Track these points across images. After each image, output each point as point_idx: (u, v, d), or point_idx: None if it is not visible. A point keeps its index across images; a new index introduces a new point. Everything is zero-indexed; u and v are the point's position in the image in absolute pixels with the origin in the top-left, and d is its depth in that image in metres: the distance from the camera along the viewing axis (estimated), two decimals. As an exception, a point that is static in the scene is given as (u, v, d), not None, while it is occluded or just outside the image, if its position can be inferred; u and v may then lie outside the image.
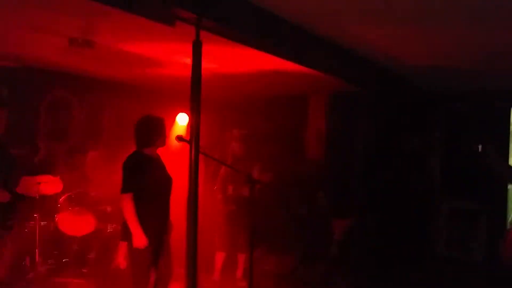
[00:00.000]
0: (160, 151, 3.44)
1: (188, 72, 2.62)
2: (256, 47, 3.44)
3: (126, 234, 3.23)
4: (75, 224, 4.38)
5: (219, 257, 4.71)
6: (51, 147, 4.83)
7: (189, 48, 2.62)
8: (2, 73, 4.46)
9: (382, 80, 4.88)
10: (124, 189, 3.17)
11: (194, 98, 2.42)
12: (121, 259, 4.40)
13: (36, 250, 4.17)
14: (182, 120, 5.63)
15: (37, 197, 4.19)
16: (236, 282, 4.66)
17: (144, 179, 3.17)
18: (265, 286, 4.52)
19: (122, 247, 3.38)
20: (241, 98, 6.29)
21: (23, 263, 4.22)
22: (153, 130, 3.32)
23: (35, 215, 4.21)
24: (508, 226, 4.71)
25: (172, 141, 3.42)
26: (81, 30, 3.32)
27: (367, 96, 5.29)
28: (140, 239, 3.12)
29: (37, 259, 4.18)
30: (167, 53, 3.98)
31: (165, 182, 3.36)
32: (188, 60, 2.64)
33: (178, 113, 5.68)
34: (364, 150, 5.40)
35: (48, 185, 4.28)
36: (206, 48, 2.63)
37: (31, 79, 4.78)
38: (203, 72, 2.60)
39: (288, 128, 6.10)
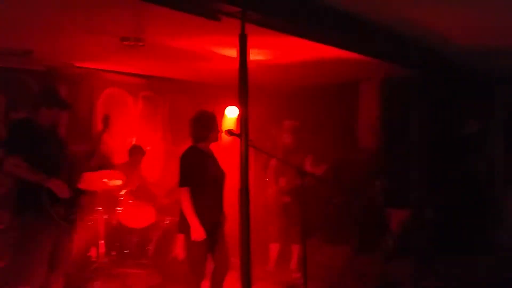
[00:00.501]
0: (211, 145, 3.50)
1: (235, 65, 2.63)
2: (303, 36, 3.38)
3: (183, 227, 3.32)
4: (135, 216, 4.56)
5: (274, 248, 4.73)
6: (109, 143, 5.05)
7: (235, 40, 2.62)
8: (59, 75, 4.70)
9: (437, 62, 4.62)
10: (182, 183, 3.25)
11: (242, 90, 2.42)
12: (179, 251, 4.55)
13: (100, 242, 4.40)
14: (231, 113, 5.68)
15: (100, 192, 4.41)
16: (290, 273, 4.66)
17: (200, 173, 3.24)
18: (320, 277, 4.49)
19: (180, 239, 3.49)
20: (290, 89, 6.24)
21: (88, 255, 4.47)
22: (206, 125, 3.38)
23: (98, 209, 4.45)
24: None
25: (223, 135, 3.47)
26: (131, 29, 3.43)
27: (421, 79, 5.03)
28: (198, 232, 3.19)
29: (100, 251, 4.41)
30: (214, 47, 4.01)
31: (219, 175, 3.41)
32: (235, 53, 2.64)
33: (226, 106, 5.74)
34: (420, 137, 5.15)
35: (110, 179, 4.49)
36: (252, 40, 2.62)
37: (86, 78, 5.02)
38: (250, 64, 2.59)
39: (339, 116, 5.97)
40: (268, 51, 4.14)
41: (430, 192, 5.10)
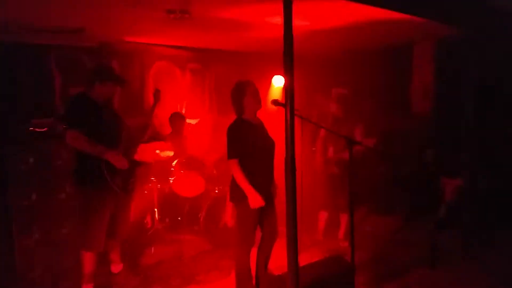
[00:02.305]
0: (260, 115, 3.48)
1: (281, 33, 2.57)
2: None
3: (233, 196, 3.39)
4: (186, 186, 4.71)
5: (322, 217, 4.74)
6: (161, 116, 5.20)
7: (280, 7, 2.56)
8: (111, 50, 4.84)
9: (495, 22, 4.27)
10: (230, 155, 3.25)
11: (287, 58, 2.37)
12: (228, 218, 4.69)
13: (155, 210, 4.62)
14: (278, 82, 5.62)
15: (153, 163, 4.59)
16: (338, 242, 4.67)
17: (248, 145, 3.23)
18: (368, 247, 4.47)
19: (229, 207, 3.57)
20: (338, 55, 6.06)
21: (144, 221, 4.72)
22: (238, 96, 3.32)
23: (152, 179, 4.64)
24: None
25: (270, 105, 3.44)
26: (177, 2, 3.44)
27: (478, 41, 4.67)
28: (256, 200, 3.21)
29: (155, 218, 4.64)
30: (259, 15, 3.94)
31: (268, 145, 3.38)
32: (279, 20, 2.58)
33: (273, 75, 5.68)
34: (475, 102, 4.84)
35: (162, 151, 4.64)
36: (297, 6, 2.54)
37: (136, 53, 5.14)
38: (295, 30, 2.52)
39: (391, 82, 5.74)
40: (314, 16, 4.01)
41: (484, 161, 4.83)
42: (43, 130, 3.86)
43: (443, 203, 4.99)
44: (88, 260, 3.47)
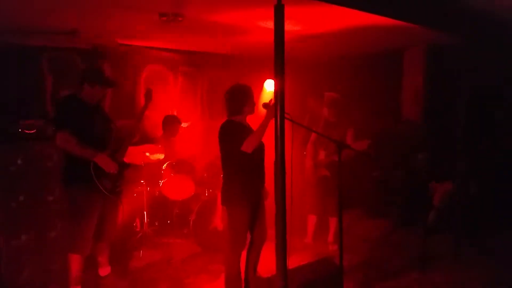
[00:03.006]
0: (250, 119, 3.50)
1: (271, 37, 2.58)
2: (341, 3, 3.26)
3: (225, 199, 3.39)
4: (176, 189, 4.70)
5: (311, 220, 4.75)
6: (151, 118, 5.18)
7: (272, 12, 2.57)
8: (101, 52, 4.83)
9: (486, 28, 4.33)
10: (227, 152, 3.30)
11: (278, 62, 2.37)
12: (218, 221, 4.68)
13: (144, 213, 4.59)
14: (270, 86, 5.64)
15: (143, 165, 4.57)
16: (328, 246, 4.68)
17: (237, 146, 3.23)
18: (358, 250, 4.49)
19: (220, 210, 3.57)
20: (330, 59, 6.10)
21: (133, 225, 4.69)
22: (241, 98, 3.36)
23: (142, 181, 4.62)
24: None
25: (261, 109, 3.45)
26: (170, 5, 3.44)
27: (469, 47, 4.74)
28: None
29: (145, 221, 4.61)
30: (251, 20, 3.96)
31: (258, 148, 3.36)
32: (271, 25, 2.60)
33: (265, 79, 5.70)
34: (466, 108, 4.90)
35: (152, 153, 4.63)
36: (288, 11, 2.56)
37: (128, 55, 5.13)
38: (287, 35, 2.53)
39: (381, 87, 5.79)
40: (306, 21, 4.04)
41: (475, 166, 4.89)
42: (32, 131, 3.83)
43: (433, 207, 5.03)
44: (75, 263, 3.43)
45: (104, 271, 3.81)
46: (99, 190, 3.35)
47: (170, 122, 5.12)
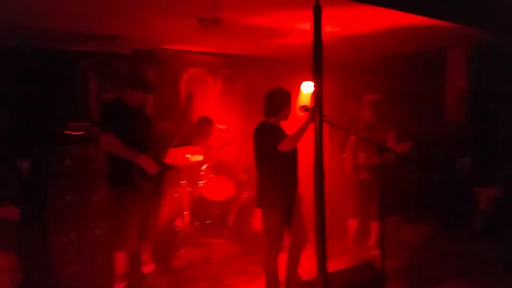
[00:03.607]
0: (286, 122, 3.51)
1: (309, 39, 2.57)
2: (380, 4, 3.20)
3: (260, 201, 3.41)
4: (216, 190, 4.77)
5: (352, 224, 4.68)
6: (192, 121, 5.28)
7: (310, 14, 2.57)
8: (145, 57, 4.97)
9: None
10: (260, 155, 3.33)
11: (316, 64, 2.37)
12: (256, 224, 4.70)
13: (184, 213, 4.69)
14: (307, 88, 5.61)
15: (183, 166, 4.67)
16: (368, 250, 4.59)
17: (272, 148, 3.28)
18: (399, 256, 4.38)
19: (257, 213, 3.59)
20: (369, 60, 5.99)
21: (175, 224, 4.79)
22: (279, 101, 3.41)
23: (182, 182, 4.72)
24: None
25: (298, 112, 3.46)
26: (209, 9, 3.50)
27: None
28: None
29: (185, 221, 4.70)
30: (289, 22, 3.96)
31: (291, 151, 3.38)
32: (309, 26, 2.59)
33: (302, 81, 5.68)
34: (510, 110, 4.68)
35: (192, 155, 4.72)
36: (326, 12, 2.55)
37: (169, 60, 5.24)
38: (325, 36, 2.52)
39: (423, 88, 5.63)
40: (344, 22, 3.99)
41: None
42: (79, 133, 4.00)
43: (479, 212, 4.83)
44: (120, 260, 3.56)
45: (147, 268, 3.91)
46: (142, 191, 3.46)
47: (203, 123, 5.19)
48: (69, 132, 3.98)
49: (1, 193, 2.66)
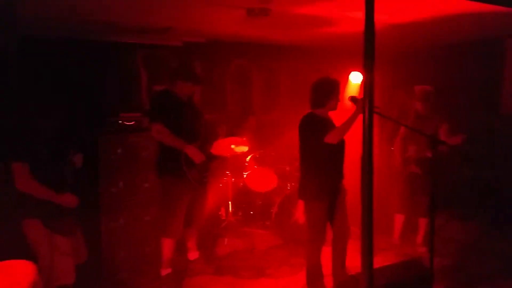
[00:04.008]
0: (334, 112, 3.44)
1: (359, 28, 2.50)
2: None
3: (303, 193, 3.39)
4: (259, 181, 4.80)
5: (398, 220, 4.55)
6: (238, 112, 5.32)
7: (361, 1, 2.49)
8: (192, 48, 5.04)
9: None
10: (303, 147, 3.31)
11: (368, 53, 2.29)
12: (299, 215, 4.69)
13: (229, 203, 4.75)
14: (355, 78, 5.48)
15: (229, 157, 4.73)
16: (415, 247, 4.46)
17: (316, 139, 3.23)
18: (448, 254, 4.22)
19: (300, 204, 3.58)
20: (420, 49, 5.76)
21: (219, 213, 4.88)
22: (326, 91, 3.33)
23: (227, 173, 4.78)
24: None
25: (346, 102, 3.38)
26: (257, 0, 3.49)
27: None
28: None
29: (229, 211, 4.77)
30: (338, 10, 3.87)
31: (338, 143, 3.30)
32: (359, 14, 2.52)
33: (350, 72, 5.55)
34: None
35: (238, 146, 4.76)
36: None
37: (216, 51, 5.30)
38: (376, 25, 2.44)
39: (478, 78, 5.35)
40: (396, 9, 3.85)
41: None
42: (130, 123, 4.15)
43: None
44: (167, 246, 3.67)
45: (193, 255, 4.02)
46: (188, 180, 3.54)
47: (248, 115, 5.23)
48: (122, 122, 4.12)
49: (60, 182, 2.81)
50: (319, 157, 3.26)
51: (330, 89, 3.33)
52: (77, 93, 4.12)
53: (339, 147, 3.34)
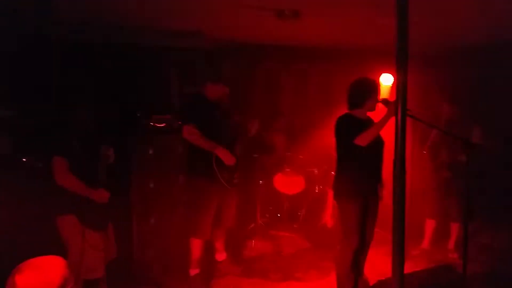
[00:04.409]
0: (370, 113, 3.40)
1: (392, 29, 2.46)
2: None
3: (337, 193, 3.36)
4: (287, 183, 4.80)
5: (430, 225, 4.45)
6: (267, 113, 5.33)
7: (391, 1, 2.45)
8: (224, 52, 5.09)
9: None
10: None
11: (401, 55, 2.26)
12: (328, 218, 4.66)
13: (257, 205, 4.77)
14: (386, 80, 5.40)
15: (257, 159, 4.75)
16: (447, 253, 4.34)
17: (349, 140, 3.16)
18: (481, 260, 4.09)
19: (330, 207, 3.55)
20: (452, 49, 5.61)
21: (247, 216, 4.90)
22: (364, 92, 3.28)
23: (256, 175, 4.81)
24: None
25: (378, 104, 3.34)
26: (288, 2, 3.50)
27: None
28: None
29: (257, 213, 4.79)
30: (369, 11, 3.82)
31: (377, 144, 3.25)
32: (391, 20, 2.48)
33: (380, 74, 5.47)
34: None
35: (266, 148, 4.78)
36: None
37: (246, 54, 5.33)
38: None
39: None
40: (427, 9, 3.76)
41: None
42: (161, 125, 4.23)
43: None
44: (196, 247, 3.72)
45: (221, 256, 4.06)
46: (218, 181, 3.57)
47: (277, 117, 5.24)
48: (153, 124, 4.21)
49: (93, 178, 2.91)
50: (354, 158, 3.21)
51: (368, 89, 3.28)
52: (111, 94, 4.24)
53: (377, 149, 3.28)
